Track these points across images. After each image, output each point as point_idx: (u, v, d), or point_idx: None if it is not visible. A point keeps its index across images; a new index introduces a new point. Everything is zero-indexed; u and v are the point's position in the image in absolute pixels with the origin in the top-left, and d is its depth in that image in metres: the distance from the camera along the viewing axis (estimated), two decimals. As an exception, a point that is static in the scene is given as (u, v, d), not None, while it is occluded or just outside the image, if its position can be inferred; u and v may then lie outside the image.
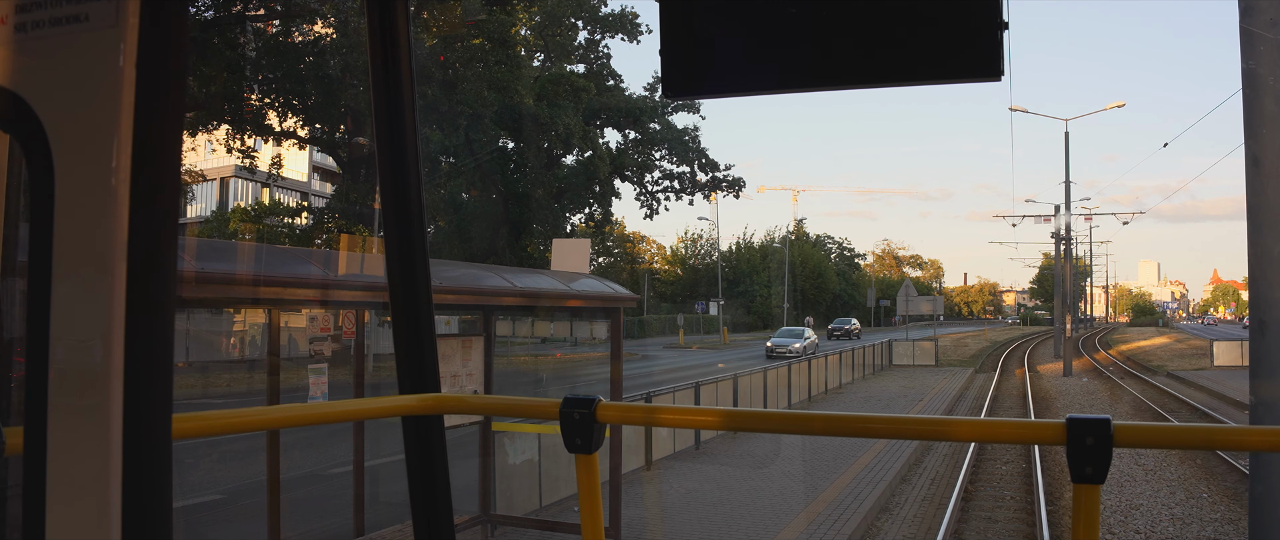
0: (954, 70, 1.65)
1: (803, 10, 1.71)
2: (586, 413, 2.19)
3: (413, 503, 2.46)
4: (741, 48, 1.76)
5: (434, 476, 2.42)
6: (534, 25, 47.46)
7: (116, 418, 1.28)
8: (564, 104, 43.14)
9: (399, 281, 2.40)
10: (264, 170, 39.75)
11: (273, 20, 32.89)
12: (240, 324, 34.14)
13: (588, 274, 12.46)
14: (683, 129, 54.28)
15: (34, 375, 1.31)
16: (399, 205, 2.38)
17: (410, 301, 2.40)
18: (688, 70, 1.79)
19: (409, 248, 2.39)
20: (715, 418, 2.39)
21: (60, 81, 1.33)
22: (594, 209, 51.15)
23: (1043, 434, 1.90)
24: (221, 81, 31.94)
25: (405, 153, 2.37)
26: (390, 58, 2.34)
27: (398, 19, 2.32)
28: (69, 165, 1.31)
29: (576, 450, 2.21)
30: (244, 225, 44.77)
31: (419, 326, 2.41)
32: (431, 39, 34.92)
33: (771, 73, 1.76)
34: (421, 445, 2.42)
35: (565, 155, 48.13)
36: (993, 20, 1.62)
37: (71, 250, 1.30)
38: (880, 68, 1.70)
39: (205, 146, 45.62)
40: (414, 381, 2.41)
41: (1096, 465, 1.77)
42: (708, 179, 55.70)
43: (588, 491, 2.27)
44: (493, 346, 11.04)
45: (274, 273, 8.17)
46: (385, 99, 2.36)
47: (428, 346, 2.42)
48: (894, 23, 1.66)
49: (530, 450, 12.35)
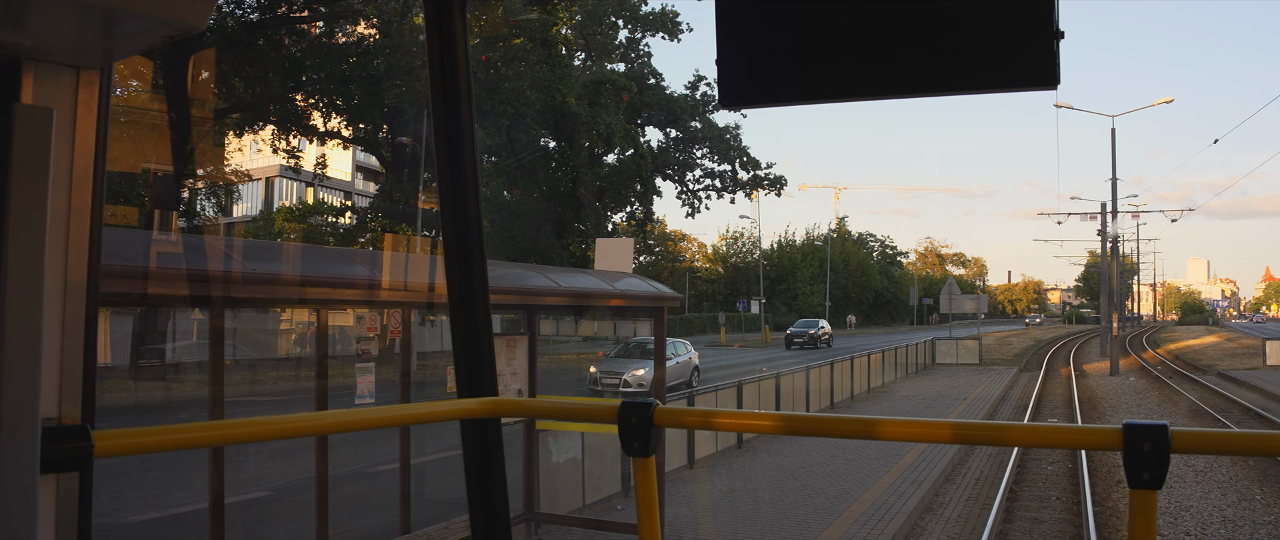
0: (1010, 79, 1.66)
1: (858, 21, 1.72)
2: (644, 416, 2.21)
3: (470, 503, 2.50)
4: (798, 58, 1.77)
5: (491, 478, 2.46)
6: (575, 25, 47.56)
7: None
8: (606, 103, 43.22)
9: (457, 288, 2.43)
10: (308, 170, 40.18)
11: (316, 21, 33.21)
12: (286, 323, 34.51)
13: (631, 273, 12.49)
14: (724, 127, 54.28)
15: None
16: (457, 213, 2.42)
17: (468, 307, 2.43)
18: (744, 80, 1.81)
19: (467, 255, 2.42)
20: (773, 421, 2.39)
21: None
22: (635, 208, 51.26)
23: (1099, 440, 1.90)
24: (266, 82, 32.34)
25: (463, 161, 2.40)
26: (447, 62, 2.38)
27: (455, 25, 2.36)
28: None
29: (634, 453, 2.24)
30: (289, 225, 45.25)
31: (477, 332, 2.45)
32: (474, 38, 35.08)
33: (827, 82, 1.77)
34: (480, 447, 2.46)
35: (607, 154, 48.22)
36: (1047, 29, 1.62)
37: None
38: (936, 77, 1.70)
39: (251, 146, 46.13)
40: (472, 385, 2.44)
41: (1154, 472, 1.78)
42: (749, 177, 55.63)
43: (646, 494, 2.29)
44: (536, 346, 11.10)
45: (322, 272, 8.28)
46: (443, 107, 2.40)
47: (485, 351, 2.45)
48: (949, 33, 1.67)
49: (574, 449, 12.41)
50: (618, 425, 2.24)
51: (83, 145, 1.63)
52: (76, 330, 1.63)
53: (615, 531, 10.81)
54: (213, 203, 37.21)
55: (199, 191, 34.66)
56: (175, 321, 27.66)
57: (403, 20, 32.28)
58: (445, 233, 2.43)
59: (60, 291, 1.60)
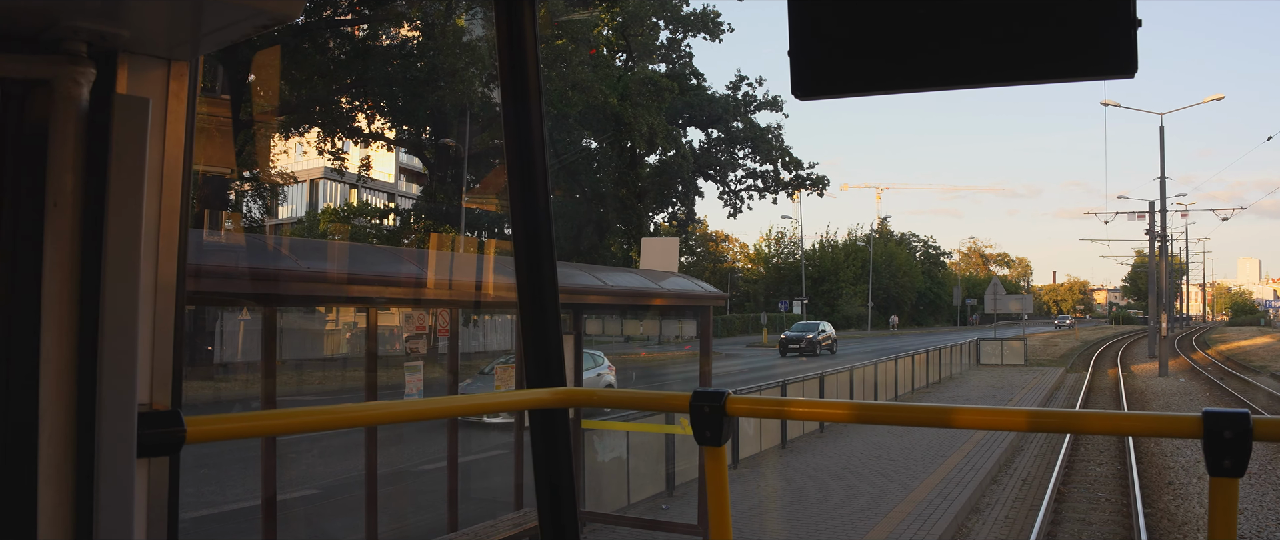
0: (1088, 68, 1.66)
1: (933, 10, 1.72)
2: (717, 405, 2.23)
3: (538, 494, 2.52)
4: (874, 48, 1.77)
5: (559, 469, 2.49)
6: (616, 25, 47.65)
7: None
8: (647, 104, 43.27)
9: (527, 281, 2.47)
10: (352, 172, 40.54)
11: (361, 24, 33.50)
12: (331, 323, 34.82)
13: (676, 273, 12.51)
14: (765, 127, 54.12)
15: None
16: (527, 208, 2.45)
17: (537, 300, 2.46)
18: (817, 71, 1.81)
19: (537, 248, 2.45)
20: (845, 410, 2.39)
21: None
22: (677, 208, 51.27)
23: (1178, 427, 1.90)
24: (311, 85, 32.66)
25: (533, 157, 2.44)
26: (517, 60, 2.41)
27: (525, 24, 2.39)
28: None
29: (705, 442, 2.25)
30: (334, 226, 45.69)
31: (546, 323, 2.48)
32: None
33: (901, 73, 1.77)
34: (548, 438, 2.49)
35: (648, 155, 48.27)
36: (1126, 16, 1.62)
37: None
38: (1013, 66, 1.70)
39: (296, 149, 46.63)
40: (541, 376, 2.47)
41: (1235, 459, 1.78)
42: (791, 177, 55.48)
43: (716, 484, 2.31)
44: (582, 345, 11.15)
45: (371, 271, 8.36)
46: (514, 106, 2.43)
47: (554, 343, 2.48)
48: (1027, 21, 1.67)
49: (619, 448, 12.44)
50: (690, 414, 2.25)
51: (174, 137, 1.66)
52: (167, 318, 1.67)
53: (660, 531, 10.83)
54: (259, 204, 37.63)
55: (245, 193, 35.06)
56: (223, 320, 28.00)
57: (446, 22, 32.48)
58: (515, 227, 2.46)
59: (152, 281, 1.64)
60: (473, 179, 38.10)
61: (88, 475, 1.49)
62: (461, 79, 31.98)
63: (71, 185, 1.50)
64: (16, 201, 1.53)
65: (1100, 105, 48.69)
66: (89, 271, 1.51)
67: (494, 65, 22.61)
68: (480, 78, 32.71)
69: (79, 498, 1.49)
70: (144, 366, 1.62)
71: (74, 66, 1.50)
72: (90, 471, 1.49)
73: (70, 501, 1.48)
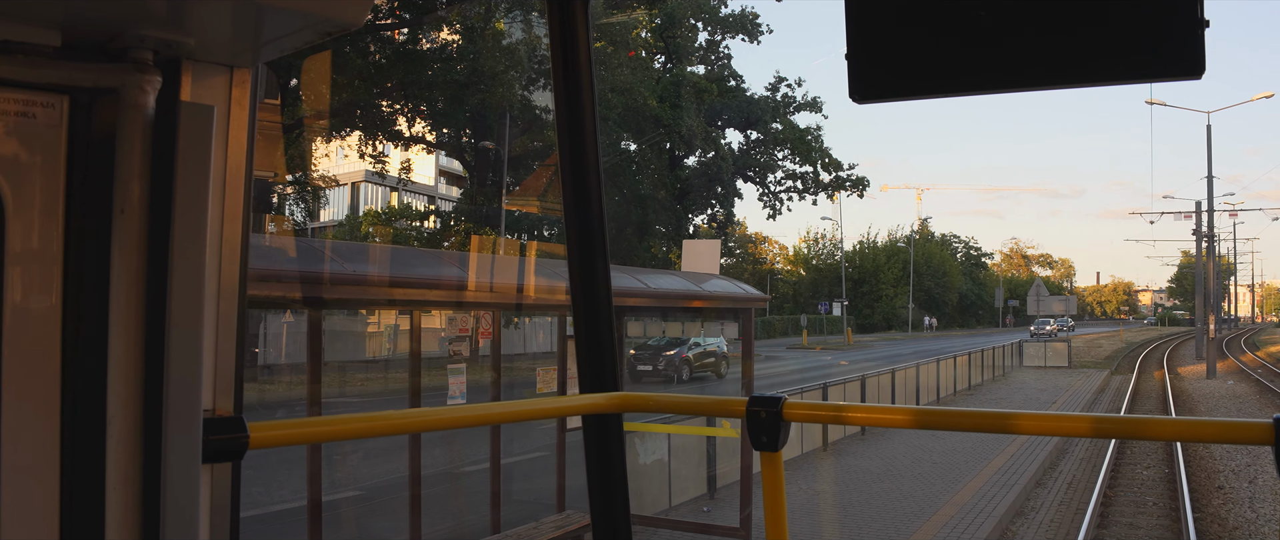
0: (1155, 69, 1.64)
1: (995, 13, 1.70)
2: (773, 410, 2.21)
3: (591, 497, 2.53)
4: (934, 51, 1.76)
5: (614, 473, 2.48)
6: (654, 27, 47.61)
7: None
8: (686, 105, 43.21)
9: (581, 286, 2.46)
10: (392, 175, 40.79)
11: (401, 28, 33.71)
12: (373, 325, 35.03)
13: (717, 275, 12.49)
14: (805, 129, 53.84)
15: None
16: (581, 210, 2.45)
17: (592, 304, 2.46)
18: (876, 74, 1.80)
19: (590, 253, 2.45)
20: (904, 416, 2.37)
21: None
22: (716, 210, 51.14)
23: (1247, 434, 1.87)
24: (352, 89, 32.88)
25: (586, 159, 2.44)
26: (571, 62, 2.41)
27: (578, 27, 2.39)
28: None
29: (762, 447, 2.24)
30: (376, 228, 45.98)
31: (600, 328, 2.48)
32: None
33: (962, 75, 1.76)
34: (602, 442, 2.48)
35: (687, 156, 48.19)
36: (1193, 17, 1.60)
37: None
38: (1078, 68, 1.69)
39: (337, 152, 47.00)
40: (596, 381, 2.47)
41: None
42: (831, 179, 55.11)
43: (773, 489, 2.29)
44: (623, 347, 11.15)
45: (415, 274, 8.41)
46: (567, 108, 2.43)
47: (608, 348, 2.48)
48: (1091, 22, 1.65)
49: (660, 451, 12.43)
50: (746, 419, 2.24)
51: (236, 144, 1.67)
52: (229, 324, 1.68)
53: (713, 535, 10.82)
54: (302, 207, 37.95)
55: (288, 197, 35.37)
56: (266, 322, 28.26)
57: (486, 26, 32.60)
58: (569, 230, 2.46)
59: (216, 287, 1.65)
60: (512, 181, 38.22)
61: (154, 481, 1.50)
62: (501, 82, 32.08)
63: (138, 192, 1.51)
64: (84, 209, 1.55)
65: (1146, 104, 48.07)
66: (155, 278, 1.52)
67: (533, 68, 22.61)
68: (520, 80, 32.82)
69: (146, 504, 1.50)
70: (207, 372, 1.63)
71: (141, 75, 1.51)
72: (157, 477, 1.50)
73: (138, 507, 1.50)
